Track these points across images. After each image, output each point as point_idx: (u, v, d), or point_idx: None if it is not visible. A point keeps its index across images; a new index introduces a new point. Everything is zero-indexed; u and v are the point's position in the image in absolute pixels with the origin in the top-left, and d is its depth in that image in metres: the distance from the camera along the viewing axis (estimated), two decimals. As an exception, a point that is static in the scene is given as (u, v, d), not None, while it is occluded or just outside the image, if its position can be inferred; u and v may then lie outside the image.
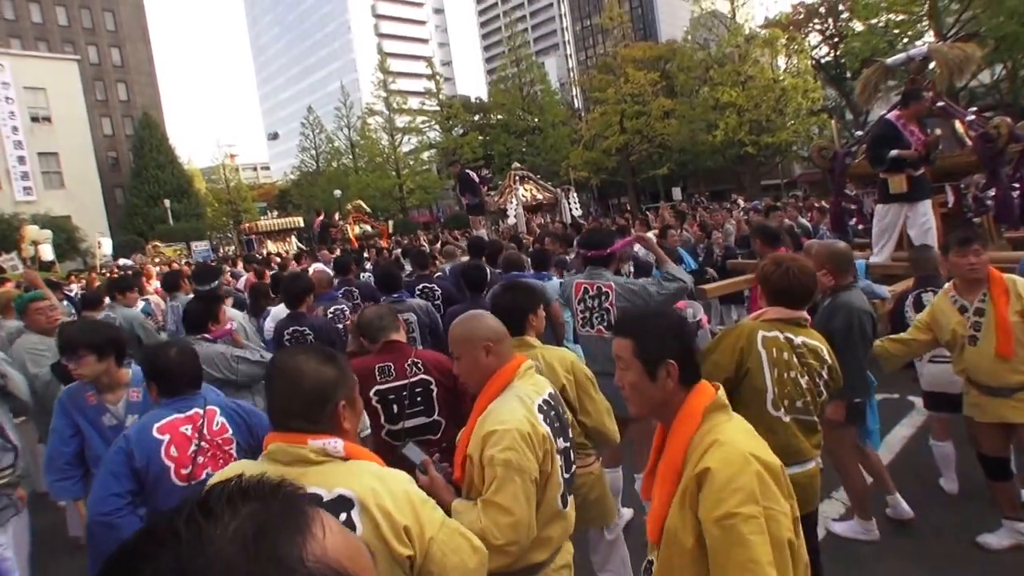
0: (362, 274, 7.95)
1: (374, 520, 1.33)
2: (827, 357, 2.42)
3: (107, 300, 5.68)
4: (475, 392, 1.93)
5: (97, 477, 2.17)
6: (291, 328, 4.18)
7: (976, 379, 3.13)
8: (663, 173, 37.20)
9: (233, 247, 36.46)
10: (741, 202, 20.60)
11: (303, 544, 0.50)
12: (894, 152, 5.53)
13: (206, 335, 3.43)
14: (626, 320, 1.69)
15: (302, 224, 28.65)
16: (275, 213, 40.30)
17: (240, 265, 12.61)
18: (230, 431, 2.25)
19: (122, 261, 19.71)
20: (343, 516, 1.32)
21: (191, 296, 5.03)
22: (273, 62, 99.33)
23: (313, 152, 50.09)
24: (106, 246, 21.93)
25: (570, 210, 18.85)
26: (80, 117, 35.66)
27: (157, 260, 20.76)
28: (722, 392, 1.51)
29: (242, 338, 3.78)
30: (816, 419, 2.42)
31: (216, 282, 4.90)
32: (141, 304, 7.28)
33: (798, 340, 2.36)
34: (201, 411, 2.21)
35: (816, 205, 12.93)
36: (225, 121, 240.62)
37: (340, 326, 4.61)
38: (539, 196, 20.21)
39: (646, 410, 1.61)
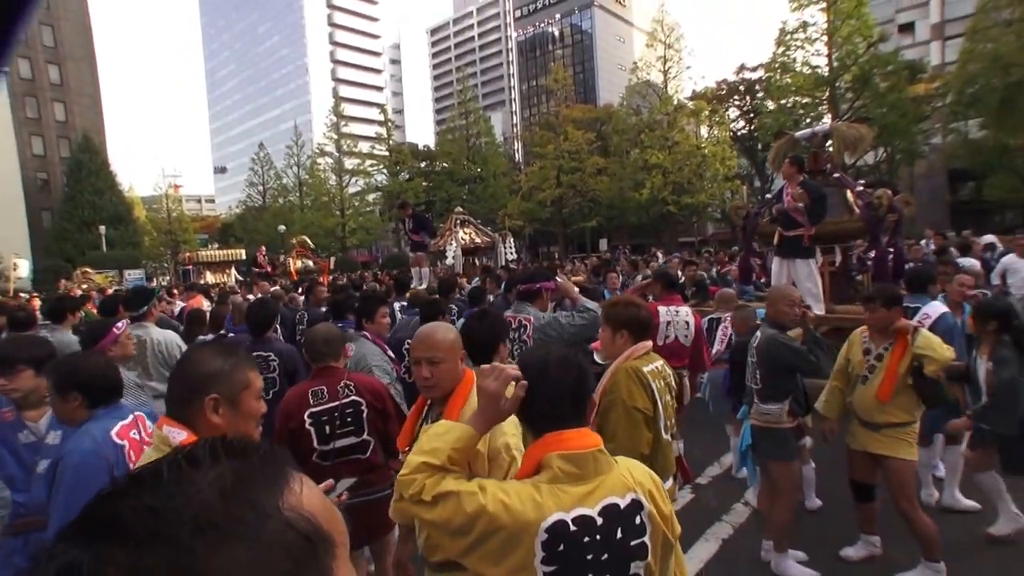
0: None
1: None
2: (669, 369, 2.69)
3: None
4: (441, 396, 2.03)
5: (70, 501, 1.90)
6: (254, 353, 3.88)
7: (857, 412, 3.55)
8: (592, 226, 39.16)
9: (169, 277, 35.81)
10: (660, 255, 22.49)
11: (280, 494, 0.52)
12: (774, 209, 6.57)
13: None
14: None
15: (243, 257, 28.56)
16: (216, 245, 39.94)
17: (175, 295, 12.08)
18: None
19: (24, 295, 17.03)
20: None
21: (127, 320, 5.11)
22: (227, 97, 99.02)
23: (260, 188, 49.96)
24: (23, 268, 20.61)
25: (505, 254, 20.18)
26: (4, 133, 33.75)
27: (85, 286, 19.25)
28: (564, 457, 1.35)
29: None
30: (676, 429, 2.70)
31: (145, 307, 4.66)
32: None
33: (658, 365, 2.59)
34: (134, 416, 2.19)
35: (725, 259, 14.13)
36: (173, 151, 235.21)
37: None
38: (477, 239, 21.16)
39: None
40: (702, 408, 5.40)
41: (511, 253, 20.58)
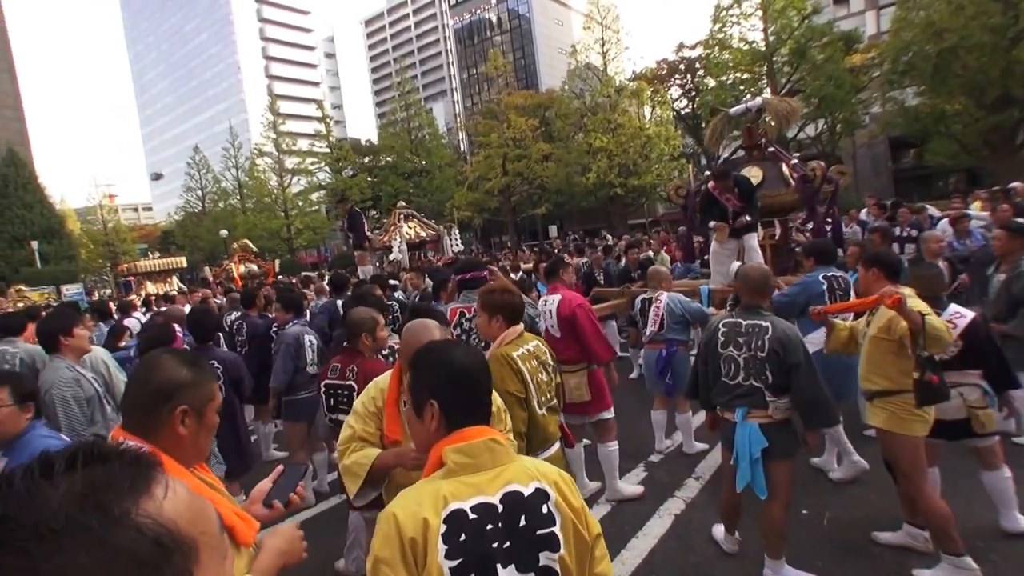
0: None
1: None
2: (545, 347, 2.89)
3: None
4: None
5: None
6: None
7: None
8: (542, 213, 38.91)
9: (109, 290, 34.95)
10: (609, 237, 22.56)
11: (137, 500, 0.52)
12: (711, 223, 6.30)
13: None
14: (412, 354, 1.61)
15: (184, 265, 27.75)
16: (157, 254, 38.55)
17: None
18: None
19: None
20: None
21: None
22: (157, 101, 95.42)
23: (199, 193, 48.83)
24: None
25: (451, 246, 19.94)
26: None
27: (21, 304, 18.71)
28: (456, 449, 1.31)
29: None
30: (556, 401, 2.91)
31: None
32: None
33: (531, 347, 2.78)
34: None
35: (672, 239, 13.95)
36: (104, 160, 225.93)
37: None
38: (422, 233, 21.00)
39: (422, 448, 1.48)
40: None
41: (457, 245, 20.51)
